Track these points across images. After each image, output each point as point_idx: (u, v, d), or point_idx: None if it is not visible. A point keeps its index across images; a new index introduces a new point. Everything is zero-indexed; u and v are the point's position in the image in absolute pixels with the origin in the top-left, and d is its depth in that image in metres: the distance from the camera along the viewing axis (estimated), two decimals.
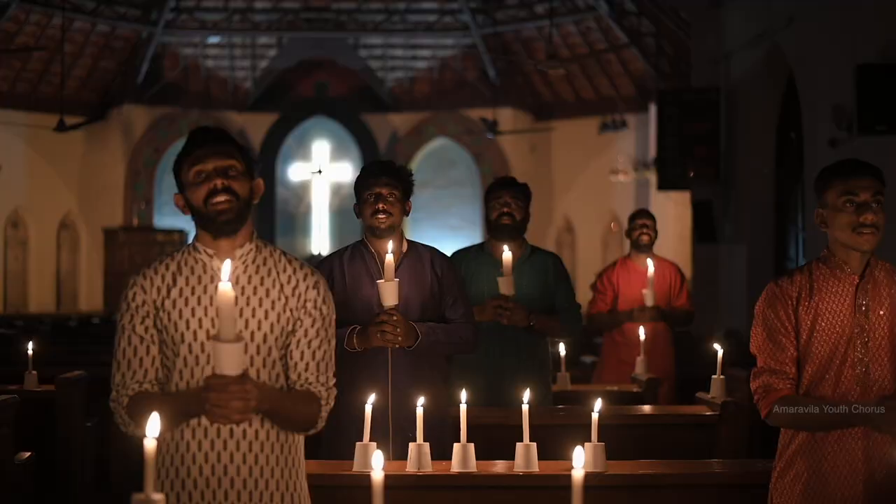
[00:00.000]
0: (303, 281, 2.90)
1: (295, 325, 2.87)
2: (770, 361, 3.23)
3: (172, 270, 2.87)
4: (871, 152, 8.95)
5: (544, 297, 5.39)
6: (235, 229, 2.84)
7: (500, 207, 5.36)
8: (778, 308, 3.23)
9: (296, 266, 2.92)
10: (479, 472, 3.55)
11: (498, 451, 3.80)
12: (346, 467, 3.60)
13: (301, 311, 2.88)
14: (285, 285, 2.88)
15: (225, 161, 2.83)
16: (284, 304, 2.86)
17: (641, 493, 3.56)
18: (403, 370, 4.21)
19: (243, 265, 2.87)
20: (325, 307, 2.93)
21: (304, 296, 2.88)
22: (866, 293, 3.22)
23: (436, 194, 23.91)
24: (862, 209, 3.17)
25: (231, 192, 2.82)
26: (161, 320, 2.82)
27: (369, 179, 4.33)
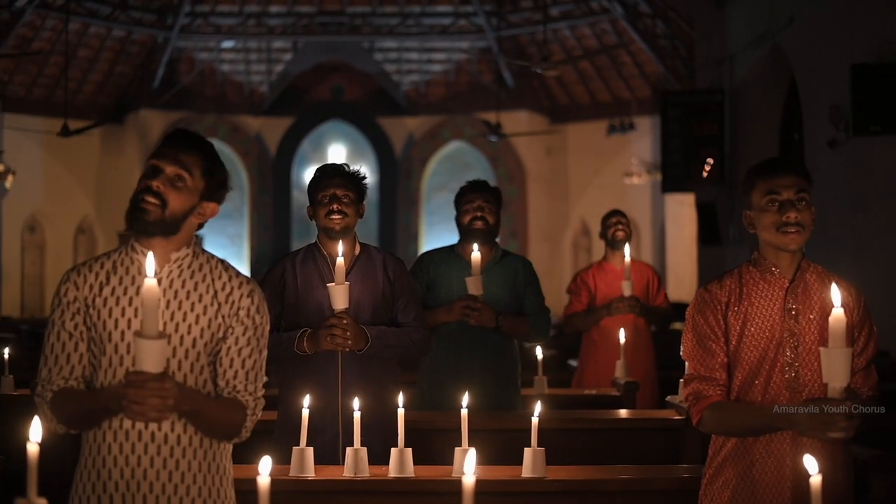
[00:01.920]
0: (237, 289, 2.87)
1: (226, 333, 2.84)
2: (700, 368, 3.17)
3: (107, 268, 2.85)
4: (868, 153, 8.86)
5: (513, 301, 5.34)
6: (150, 233, 2.81)
7: (473, 212, 5.31)
8: (707, 313, 3.17)
9: (231, 274, 2.90)
10: (416, 477, 3.50)
11: (441, 456, 3.76)
12: (283, 472, 3.56)
13: (233, 318, 2.85)
14: (219, 292, 2.85)
15: (178, 169, 2.81)
16: (217, 310, 2.84)
17: (581, 498, 3.51)
18: (354, 374, 4.17)
19: (178, 269, 2.85)
20: (259, 317, 2.89)
21: (237, 304, 2.86)
22: (796, 297, 3.15)
23: (451, 198, 23.56)
24: (785, 208, 3.11)
25: (161, 199, 2.79)
26: (91, 317, 2.81)
27: (324, 181, 4.31)
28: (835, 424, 2.85)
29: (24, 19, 19.88)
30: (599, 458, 4.65)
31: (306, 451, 3.54)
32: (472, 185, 5.48)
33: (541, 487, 3.45)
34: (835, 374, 2.85)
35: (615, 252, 6.89)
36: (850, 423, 2.86)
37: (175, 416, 2.73)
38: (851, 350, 2.92)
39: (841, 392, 2.84)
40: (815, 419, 2.86)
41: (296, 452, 3.56)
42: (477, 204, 5.33)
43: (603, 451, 4.85)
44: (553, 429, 4.99)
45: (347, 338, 4.04)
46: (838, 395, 2.85)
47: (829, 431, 2.87)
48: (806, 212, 3.15)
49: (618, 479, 3.55)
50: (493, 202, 5.38)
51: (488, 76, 23.21)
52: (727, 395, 3.16)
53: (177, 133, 2.88)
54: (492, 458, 3.86)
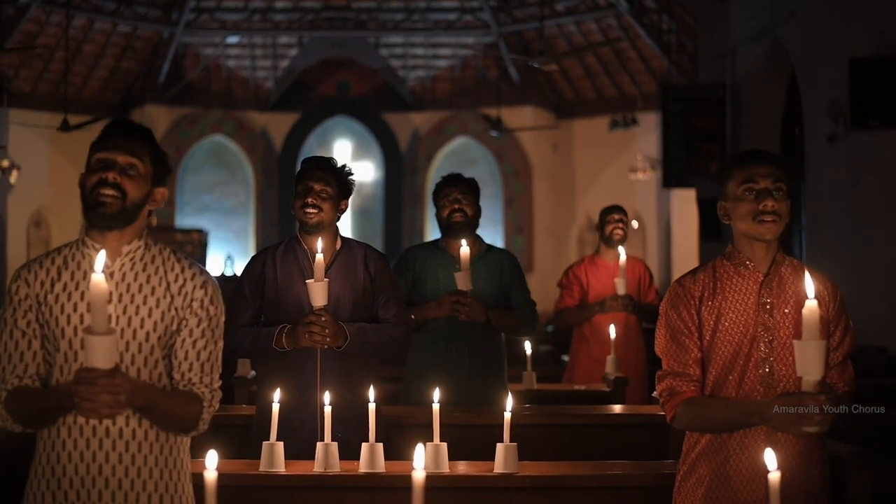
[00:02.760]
0: (190, 280, 2.85)
1: (180, 325, 2.82)
2: (673, 364, 3.12)
3: (58, 264, 2.83)
4: (867, 147, 8.80)
5: (499, 295, 5.32)
6: (112, 226, 2.80)
7: (451, 205, 5.28)
8: (681, 308, 3.13)
9: (184, 265, 2.88)
10: (386, 472, 3.47)
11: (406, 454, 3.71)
12: (254, 467, 3.53)
13: (187, 310, 2.83)
14: (172, 284, 2.83)
15: (128, 158, 2.80)
16: (170, 302, 2.81)
17: (553, 494, 3.47)
18: (333, 370, 4.13)
19: (130, 262, 2.83)
20: (213, 308, 2.87)
21: (190, 295, 2.83)
22: (771, 290, 3.11)
23: None
24: (762, 196, 3.07)
25: (119, 190, 2.77)
26: (43, 314, 2.78)
27: (303, 173, 4.27)
28: (809, 419, 2.80)
29: (29, 15, 19.87)
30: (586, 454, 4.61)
31: (276, 446, 3.51)
32: (448, 178, 5.45)
33: (513, 483, 3.41)
34: (808, 367, 2.80)
35: (609, 248, 6.85)
36: (824, 418, 2.81)
37: (130, 411, 2.70)
38: (826, 343, 2.86)
39: (815, 385, 2.80)
40: (789, 414, 2.81)
41: (266, 447, 3.53)
42: (454, 196, 5.30)
43: (590, 447, 4.82)
44: (539, 424, 4.97)
45: (326, 335, 4.01)
46: (812, 389, 2.80)
47: (802, 426, 2.82)
48: (782, 202, 3.12)
49: (591, 475, 3.51)
50: (471, 193, 5.34)
51: (494, 72, 23.14)
52: (701, 390, 3.12)
53: (118, 123, 2.87)
54: (470, 453, 3.83)
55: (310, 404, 4.06)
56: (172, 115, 23.09)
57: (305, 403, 4.06)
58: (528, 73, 22.35)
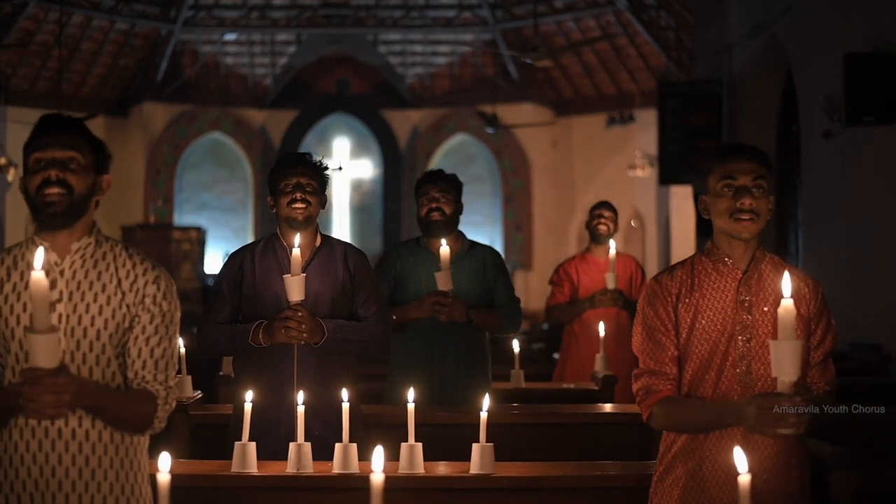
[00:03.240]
0: (142, 276, 2.79)
1: (132, 322, 2.76)
2: (650, 362, 3.07)
3: (8, 265, 2.77)
4: (862, 144, 8.73)
5: (483, 293, 5.25)
6: (65, 223, 2.75)
7: (429, 203, 5.19)
8: (657, 306, 3.06)
9: (136, 261, 2.82)
10: (360, 473, 3.41)
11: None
12: (227, 467, 3.47)
13: (139, 307, 2.77)
14: (123, 280, 2.77)
15: (66, 152, 2.74)
16: (121, 299, 2.75)
17: (530, 495, 3.41)
18: (310, 368, 4.08)
19: (80, 259, 2.77)
20: (166, 303, 2.80)
21: (142, 291, 2.77)
22: (749, 288, 3.04)
23: None
24: (741, 194, 3.00)
25: (65, 185, 2.72)
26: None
27: (287, 170, 4.22)
28: (784, 420, 2.73)
29: (27, 12, 19.83)
30: (572, 454, 4.56)
31: (248, 446, 3.46)
32: (427, 175, 5.36)
33: (488, 484, 3.35)
34: (784, 367, 2.73)
35: (599, 245, 6.81)
36: (800, 419, 2.74)
37: (82, 411, 2.65)
38: (802, 343, 2.80)
39: (791, 386, 2.73)
40: (764, 415, 2.74)
41: (237, 448, 3.47)
42: (431, 195, 5.20)
43: (576, 447, 4.77)
44: (525, 423, 4.91)
45: (303, 330, 3.96)
46: (788, 390, 2.73)
47: (778, 428, 2.76)
48: (762, 199, 3.04)
49: (569, 476, 3.45)
50: (450, 191, 5.24)
51: (492, 69, 23.08)
52: (678, 389, 3.06)
53: (48, 119, 2.81)
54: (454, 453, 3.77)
55: (286, 402, 4.01)
56: (170, 113, 23.06)
57: (282, 401, 4.01)
58: (527, 70, 22.28)
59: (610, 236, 6.72)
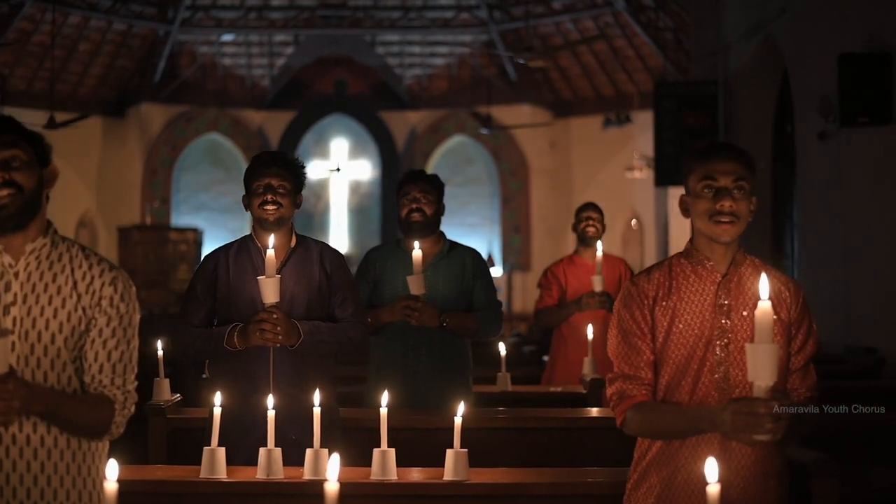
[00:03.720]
0: (98, 277, 2.71)
1: (89, 325, 2.69)
2: (624, 366, 2.98)
3: None
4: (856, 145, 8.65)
5: (461, 296, 5.13)
6: (20, 224, 2.67)
7: (409, 204, 5.09)
8: (633, 309, 2.97)
9: (93, 262, 2.74)
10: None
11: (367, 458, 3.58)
12: (195, 473, 3.40)
13: (96, 309, 2.69)
14: (79, 282, 2.70)
15: (6, 152, 2.67)
16: (77, 301, 2.68)
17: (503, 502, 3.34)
18: (286, 371, 4.01)
19: (35, 260, 2.70)
20: (124, 305, 2.73)
21: (98, 293, 2.70)
22: (729, 291, 2.94)
23: (453, 192, 23.56)
24: (720, 195, 2.91)
25: (13, 185, 2.65)
26: None
27: (260, 169, 4.14)
28: (760, 427, 2.63)
29: (24, 12, 19.77)
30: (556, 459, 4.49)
31: (217, 451, 3.38)
32: (408, 175, 5.25)
33: (462, 491, 3.28)
34: (760, 371, 2.64)
35: (587, 247, 6.73)
36: (776, 426, 2.65)
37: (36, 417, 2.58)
38: (779, 346, 2.71)
39: (767, 391, 2.64)
40: (740, 421, 2.63)
41: (206, 453, 3.40)
42: (412, 195, 5.09)
43: (562, 452, 4.69)
44: (508, 428, 4.83)
45: (278, 333, 3.88)
46: (764, 395, 2.65)
47: (754, 434, 2.67)
48: (743, 201, 2.95)
49: (544, 483, 3.38)
50: (431, 191, 5.14)
51: (491, 70, 23.01)
52: (653, 395, 2.97)
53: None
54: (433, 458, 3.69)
55: (262, 406, 3.90)
56: (168, 114, 23.00)
57: (258, 405, 3.92)
58: (526, 71, 22.21)
59: (598, 238, 6.64)
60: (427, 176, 5.20)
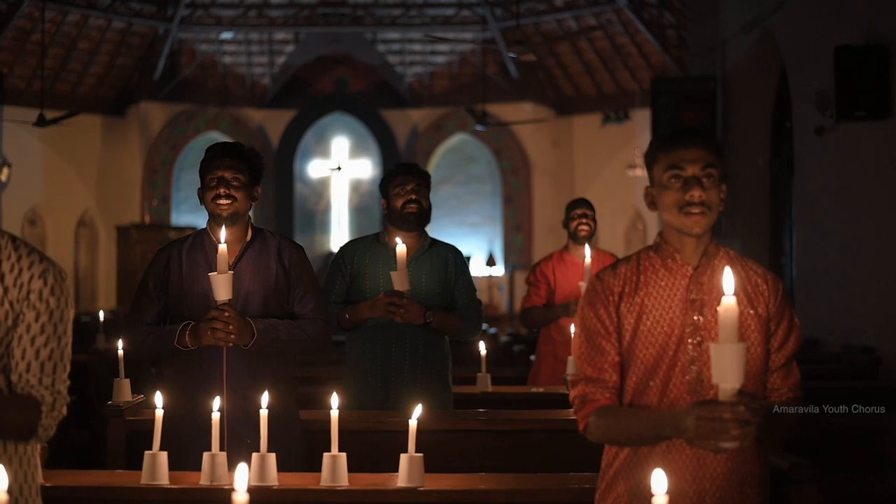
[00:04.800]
0: (27, 270, 2.53)
1: (17, 320, 2.51)
2: (588, 368, 2.75)
3: None
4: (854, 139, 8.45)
5: (444, 293, 4.98)
6: None
7: (407, 195, 4.94)
8: (598, 306, 2.75)
9: (22, 253, 2.56)
10: (277, 486, 3.16)
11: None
12: (135, 479, 3.22)
13: (24, 303, 2.51)
14: (7, 274, 2.52)
15: None
16: (3, 295, 2.50)
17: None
18: (240, 371, 3.82)
19: None
20: (55, 300, 2.55)
21: (27, 286, 2.52)
22: (701, 286, 2.73)
23: (455, 191, 23.56)
24: (689, 185, 2.70)
25: None
26: None
27: (212, 162, 3.94)
28: (725, 433, 2.40)
29: (23, 10, 19.64)
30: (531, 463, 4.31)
31: (159, 455, 3.21)
32: (403, 167, 5.11)
33: (416, 498, 3.10)
34: (725, 373, 2.42)
35: (577, 245, 6.51)
36: (743, 432, 2.43)
37: None
38: (745, 346, 2.49)
39: (732, 395, 2.43)
40: (704, 427, 2.41)
41: (147, 458, 3.22)
42: (411, 187, 4.94)
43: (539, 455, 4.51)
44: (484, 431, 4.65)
45: (230, 331, 3.69)
46: (729, 398, 2.44)
47: (719, 441, 2.45)
48: (713, 190, 2.74)
49: (502, 490, 3.19)
50: (426, 186, 5.03)
51: (493, 68, 22.83)
52: (618, 398, 2.77)
53: None
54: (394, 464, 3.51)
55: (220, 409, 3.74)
56: (168, 112, 22.88)
57: (211, 407, 3.74)
58: (528, 69, 22.03)
59: (591, 237, 6.42)
60: (422, 170, 5.09)
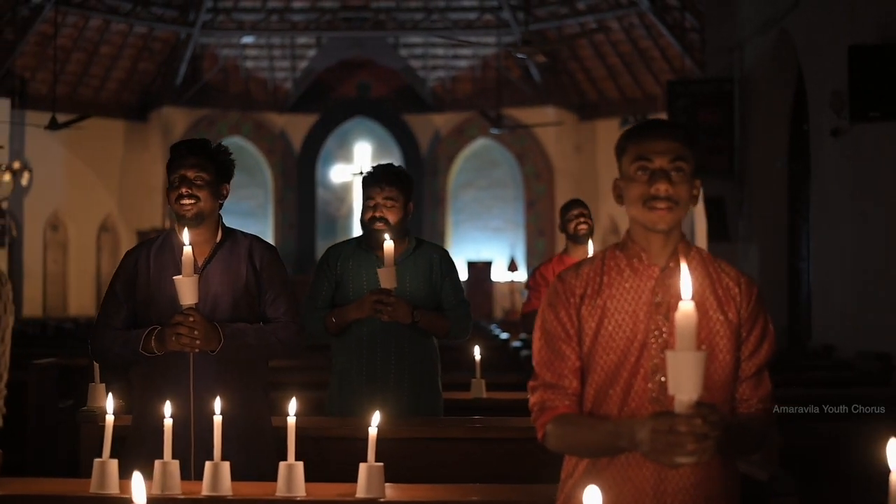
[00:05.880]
0: None
1: None
2: (547, 374, 2.58)
3: None
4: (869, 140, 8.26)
5: (430, 295, 4.78)
6: None
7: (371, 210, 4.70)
8: (558, 308, 2.59)
9: None
10: (232, 496, 3.04)
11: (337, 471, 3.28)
12: (83, 487, 3.11)
13: None
14: None
15: None
16: None
17: None
18: (208, 377, 3.66)
19: None
20: None
21: None
22: (667, 289, 2.54)
23: (477, 195, 23.44)
24: (656, 178, 2.53)
25: None
26: None
27: (175, 161, 3.78)
28: (681, 447, 2.22)
29: (44, 15, 19.69)
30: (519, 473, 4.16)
31: (109, 463, 3.08)
32: (373, 175, 4.73)
33: None
34: (682, 383, 2.23)
35: (578, 246, 6.38)
36: (700, 446, 2.24)
37: None
38: (703, 354, 2.30)
39: (689, 407, 2.25)
40: (659, 440, 2.24)
41: (97, 466, 3.09)
42: (376, 201, 4.65)
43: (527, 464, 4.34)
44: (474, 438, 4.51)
45: (195, 337, 3.53)
46: (686, 410, 2.27)
47: (674, 456, 2.25)
48: (682, 185, 2.55)
49: (465, 501, 3.05)
50: (403, 194, 4.69)
51: (515, 72, 22.68)
52: (578, 406, 2.61)
53: None
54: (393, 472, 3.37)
55: (183, 415, 3.61)
56: (190, 117, 22.87)
57: (178, 414, 3.61)
58: (550, 73, 21.88)
59: (590, 235, 6.31)
60: (396, 175, 4.72)
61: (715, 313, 2.60)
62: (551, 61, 21.22)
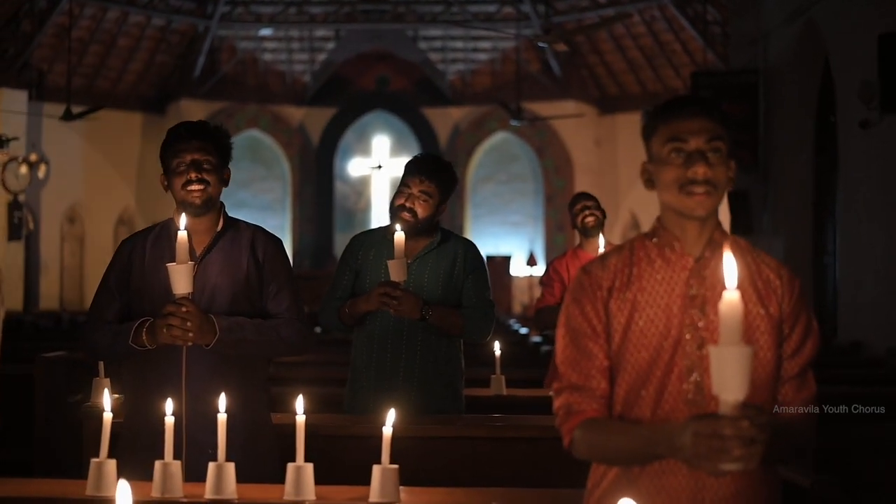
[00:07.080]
0: None
1: None
2: (573, 375, 2.37)
3: None
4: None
5: (448, 293, 4.51)
6: None
7: (403, 198, 4.48)
8: (584, 303, 2.38)
9: None
10: (237, 499, 2.87)
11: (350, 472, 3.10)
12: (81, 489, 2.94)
13: None
14: None
15: None
16: None
17: None
18: (202, 373, 3.41)
19: None
20: None
21: None
22: (703, 280, 2.33)
23: (497, 189, 23.26)
24: (692, 160, 2.31)
25: None
26: None
27: (179, 145, 3.53)
28: (727, 453, 2.01)
29: (62, 7, 19.59)
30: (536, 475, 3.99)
31: (106, 464, 2.91)
32: (419, 163, 4.52)
33: None
34: (727, 382, 2.01)
35: (589, 239, 6.22)
36: (749, 452, 2.01)
37: None
38: (751, 349, 2.11)
39: (735, 408, 2.04)
40: (702, 445, 2.03)
41: (93, 466, 2.92)
42: (411, 191, 4.46)
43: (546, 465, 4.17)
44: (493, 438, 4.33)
45: (188, 329, 3.28)
46: (732, 412, 2.05)
47: (720, 462, 2.03)
48: (720, 167, 2.32)
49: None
50: (437, 192, 4.48)
51: (535, 65, 22.48)
52: (607, 409, 2.40)
53: None
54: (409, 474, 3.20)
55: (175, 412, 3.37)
56: (208, 110, 22.71)
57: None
58: (570, 66, 21.67)
59: (600, 227, 6.14)
60: (438, 168, 4.52)
61: (755, 307, 2.39)
62: (571, 54, 21.02)
